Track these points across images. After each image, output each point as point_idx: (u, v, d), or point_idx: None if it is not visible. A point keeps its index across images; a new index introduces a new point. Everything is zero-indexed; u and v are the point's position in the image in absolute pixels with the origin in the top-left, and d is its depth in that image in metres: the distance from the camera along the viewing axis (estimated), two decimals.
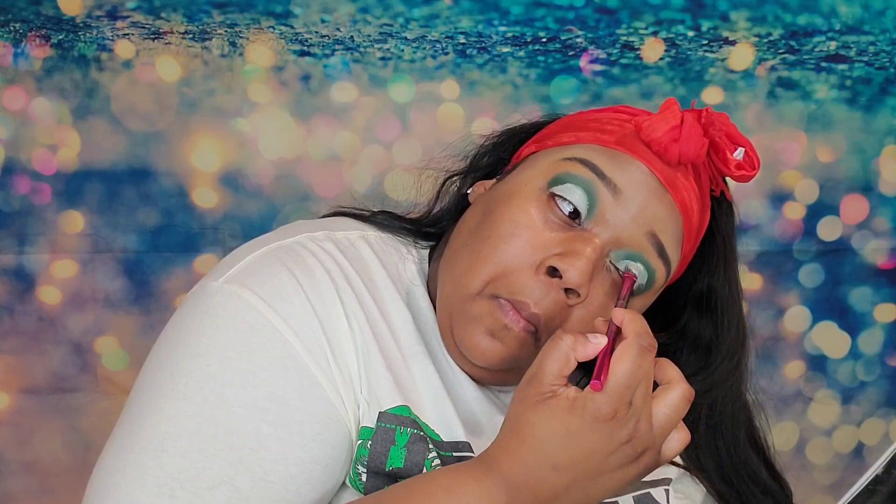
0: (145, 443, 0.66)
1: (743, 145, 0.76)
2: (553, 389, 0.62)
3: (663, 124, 0.73)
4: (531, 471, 0.62)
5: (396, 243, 0.80)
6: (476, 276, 0.72)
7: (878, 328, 1.30)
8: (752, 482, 0.84)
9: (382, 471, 0.69)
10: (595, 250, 0.71)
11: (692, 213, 0.75)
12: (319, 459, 0.68)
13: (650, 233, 0.73)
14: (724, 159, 0.75)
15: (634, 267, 0.73)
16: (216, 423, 0.66)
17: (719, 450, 0.83)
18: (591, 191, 0.72)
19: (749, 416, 0.86)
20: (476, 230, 0.75)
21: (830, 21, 1.18)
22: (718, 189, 0.79)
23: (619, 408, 0.61)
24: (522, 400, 0.63)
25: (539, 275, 0.71)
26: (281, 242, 0.74)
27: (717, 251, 0.81)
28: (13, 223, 1.15)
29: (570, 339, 0.63)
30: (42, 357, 1.18)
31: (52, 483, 1.21)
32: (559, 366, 0.62)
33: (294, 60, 1.14)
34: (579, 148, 0.75)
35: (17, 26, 1.11)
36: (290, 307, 0.69)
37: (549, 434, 0.61)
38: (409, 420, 0.70)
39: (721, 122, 0.76)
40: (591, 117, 0.79)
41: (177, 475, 0.64)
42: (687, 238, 0.76)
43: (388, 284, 0.75)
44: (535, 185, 0.74)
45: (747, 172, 0.75)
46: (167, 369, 0.68)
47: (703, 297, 0.82)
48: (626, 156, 0.74)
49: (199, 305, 0.70)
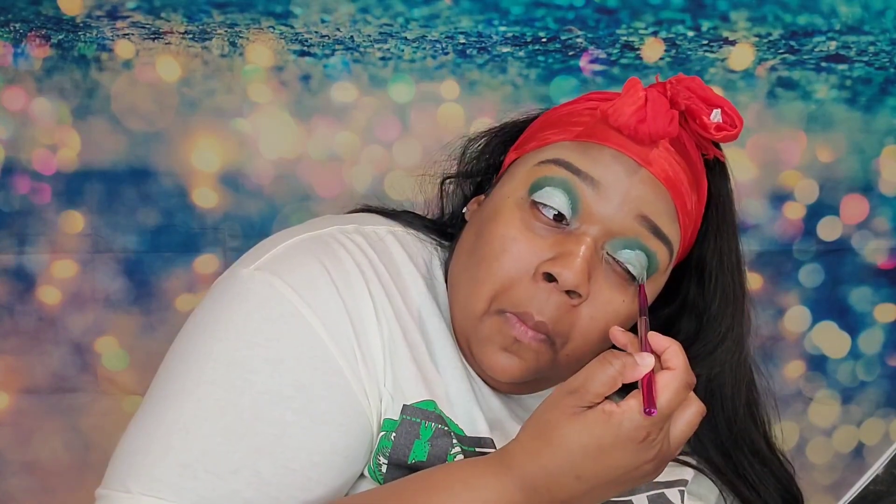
0: (171, 424, 0.66)
1: (719, 105, 0.74)
2: (591, 403, 0.63)
3: (628, 106, 0.71)
4: (553, 476, 0.63)
5: (422, 240, 0.81)
6: (479, 298, 0.73)
7: (878, 328, 1.30)
8: (750, 453, 0.84)
9: (404, 463, 0.70)
10: (587, 248, 0.71)
11: (679, 183, 0.74)
12: (341, 449, 0.69)
13: (640, 216, 0.73)
14: (702, 124, 0.74)
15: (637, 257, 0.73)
16: (241, 408, 0.66)
17: (717, 419, 0.83)
18: (570, 189, 0.72)
19: (750, 389, 0.85)
20: (472, 252, 0.75)
21: (830, 21, 1.18)
22: (711, 153, 0.77)
23: (652, 432, 0.62)
24: (557, 406, 0.63)
25: (537, 282, 0.71)
26: (312, 233, 0.75)
27: (710, 219, 0.80)
28: (13, 223, 1.15)
29: (619, 364, 0.63)
30: (42, 357, 1.18)
31: (52, 483, 1.21)
32: (605, 388, 0.63)
33: (294, 60, 1.14)
34: (552, 148, 0.75)
35: (17, 26, 1.11)
36: (319, 297, 0.70)
37: (579, 445, 0.62)
38: (435, 415, 0.71)
39: (692, 87, 0.74)
40: (564, 111, 0.78)
41: (200, 457, 0.65)
42: (682, 210, 0.75)
43: (415, 279, 0.76)
44: (516, 197, 0.74)
45: (728, 132, 0.74)
46: (195, 352, 0.69)
47: (697, 265, 0.82)
48: (598, 145, 0.73)
49: (228, 291, 0.71)
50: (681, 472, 0.80)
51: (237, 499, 0.65)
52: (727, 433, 0.83)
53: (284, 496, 0.66)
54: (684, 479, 0.80)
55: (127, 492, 0.65)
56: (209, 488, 0.65)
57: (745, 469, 0.83)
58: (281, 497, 0.66)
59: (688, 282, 0.82)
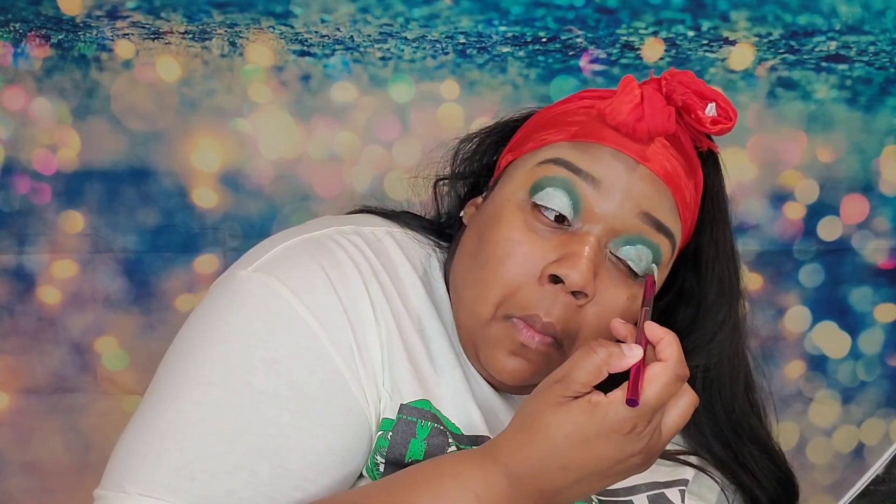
0: (168, 425, 0.67)
1: (713, 99, 0.74)
2: (577, 393, 0.62)
3: (625, 105, 0.71)
4: (538, 467, 0.63)
5: (420, 241, 0.81)
6: (486, 303, 0.73)
7: (878, 328, 1.30)
8: (749, 440, 0.84)
9: (401, 462, 0.70)
10: (592, 248, 0.71)
11: (677, 178, 0.75)
12: (338, 449, 0.69)
13: (642, 213, 0.73)
14: (697, 119, 0.74)
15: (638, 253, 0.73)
16: (238, 409, 0.67)
17: (716, 408, 0.82)
18: (571, 189, 0.72)
19: (748, 377, 0.85)
20: (474, 256, 0.75)
21: (830, 21, 1.18)
22: (704, 145, 0.78)
23: (638, 424, 0.61)
24: (543, 397, 0.63)
25: (543, 284, 0.71)
26: (310, 234, 0.75)
27: (706, 209, 0.80)
28: (13, 223, 1.15)
29: (604, 353, 0.62)
30: (42, 357, 1.18)
31: (52, 483, 1.21)
32: (589, 378, 0.62)
33: (294, 60, 1.14)
34: (550, 149, 0.75)
35: (17, 26, 1.11)
36: (317, 298, 0.70)
37: (564, 436, 0.62)
38: (430, 414, 0.71)
39: (686, 81, 0.74)
40: (558, 111, 0.78)
41: (197, 458, 0.65)
42: (682, 204, 0.76)
43: (412, 280, 0.76)
44: (517, 198, 0.74)
45: (724, 125, 0.74)
46: (193, 354, 0.69)
47: (693, 255, 0.82)
48: (595, 144, 0.73)
49: (227, 293, 0.71)
50: (681, 472, 0.80)
51: (233, 499, 0.65)
52: (726, 421, 0.83)
53: (281, 496, 0.66)
54: (685, 479, 0.80)
55: (124, 492, 0.65)
56: (205, 489, 0.65)
57: (745, 457, 0.83)
58: (277, 497, 0.66)
59: (684, 272, 0.82)
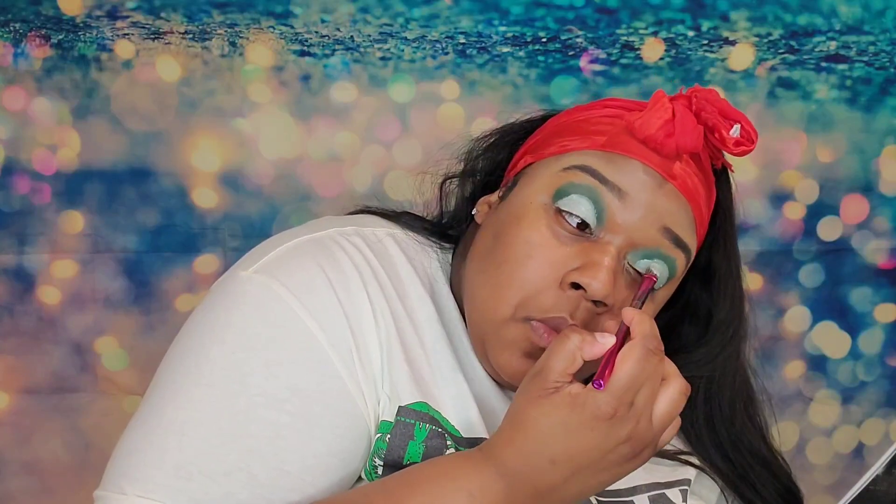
0: (167, 425, 0.67)
1: (738, 120, 0.74)
2: (557, 385, 0.62)
3: (656, 120, 0.71)
4: (529, 463, 0.63)
5: (421, 242, 0.81)
6: (503, 303, 0.72)
7: (878, 328, 1.30)
8: (749, 455, 0.84)
9: (399, 464, 0.70)
10: (612, 258, 0.71)
11: (698, 196, 0.75)
12: (336, 452, 0.68)
13: (663, 228, 0.73)
14: (721, 139, 0.74)
15: (655, 266, 0.73)
16: (237, 411, 0.66)
17: (716, 421, 0.83)
18: (596, 198, 0.72)
19: (749, 391, 0.86)
20: (490, 255, 0.75)
21: (830, 21, 1.18)
22: (719, 163, 0.78)
23: (619, 408, 0.61)
24: (525, 393, 0.64)
25: (564, 290, 0.71)
26: (311, 236, 0.74)
27: (719, 225, 0.81)
28: (13, 223, 1.15)
29: (577, 339, 0.63)
30: (42, 357, 1.18)
31: (52, 483, 1.21)
32: (565, 364, 0.63)
33: (294, 60, 1.14)
34: (576, 155, 0.75)
35: (17, 26, 1.11)
36: (317, 300, 0.69)
37: (547, 428, 0.62)
38: (428, 416, 0.71)
39: (712, 100, 0.74)
40: (581, 118, 0.78)
41: (195, 459, 0.65)
42: (699, 220, 0.76)
43: (413, 281, 0.76)
44: (540, 202, 0.74)
45: (747, 147, 0.74)
46: (193, 355, 0.69)
47: (705, 270, 0.82)
48: (623, 156, 0.73)
49: (227, 294, 0.71)
50: (683, 472, 0.80)
51: (231, 500, 0.65)
52: (726, 435, 0.83)
53: (279, 498, 0.66)
54: (687, 479, 0.80)
55: (122, 493, 0.65)
56: (203, 490, 0.65)
57: (746, 470, 0.83)
58: (275, 499, 0.66)
59: (691, 286, 0.83)
